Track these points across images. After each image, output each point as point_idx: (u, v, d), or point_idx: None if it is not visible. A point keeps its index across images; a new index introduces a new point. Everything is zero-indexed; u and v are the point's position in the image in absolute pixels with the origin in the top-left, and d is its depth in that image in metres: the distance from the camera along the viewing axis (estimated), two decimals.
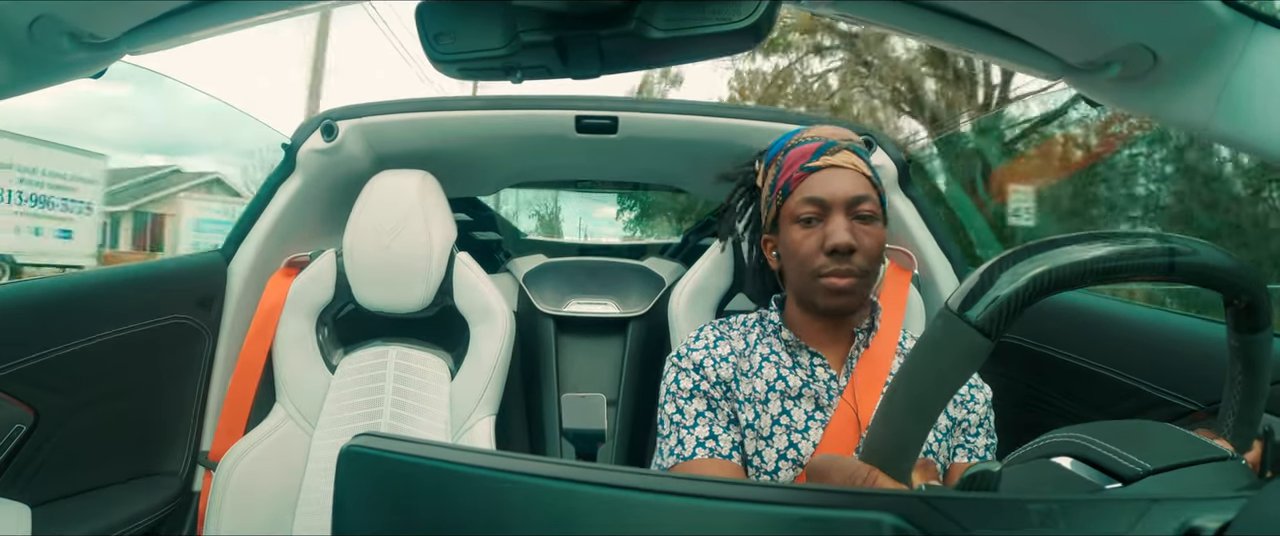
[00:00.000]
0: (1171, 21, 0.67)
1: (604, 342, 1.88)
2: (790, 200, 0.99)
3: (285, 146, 1.50)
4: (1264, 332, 0.49)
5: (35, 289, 1.21)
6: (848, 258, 0.94)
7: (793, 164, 1.00)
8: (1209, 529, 0.31)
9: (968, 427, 0.99)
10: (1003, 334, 0.41)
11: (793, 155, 1.01)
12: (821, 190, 0.96)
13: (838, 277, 0.94)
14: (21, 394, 1.12)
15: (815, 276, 0.95)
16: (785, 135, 1.07)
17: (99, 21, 0.75)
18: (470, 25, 0.58)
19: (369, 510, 0.36)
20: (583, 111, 1.49)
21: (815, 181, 0.97)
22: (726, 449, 0.95)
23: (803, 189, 0.97)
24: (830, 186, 0.96)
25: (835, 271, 0.94)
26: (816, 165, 0.97)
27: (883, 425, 0.44)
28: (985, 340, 0.41)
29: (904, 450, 0.44)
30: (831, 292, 0.94)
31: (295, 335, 1.40)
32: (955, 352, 0.42)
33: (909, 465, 0.44)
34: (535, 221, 6.58)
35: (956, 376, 0.42)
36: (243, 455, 1.31)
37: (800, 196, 0.97)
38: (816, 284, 0.95)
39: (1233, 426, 0.52)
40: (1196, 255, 0.44)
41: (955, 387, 0.42)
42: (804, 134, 1.04)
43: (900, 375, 0.44)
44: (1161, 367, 1.05)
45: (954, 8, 0.74)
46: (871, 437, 0.45)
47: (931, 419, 0.43)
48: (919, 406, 0.43)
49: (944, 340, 0.42)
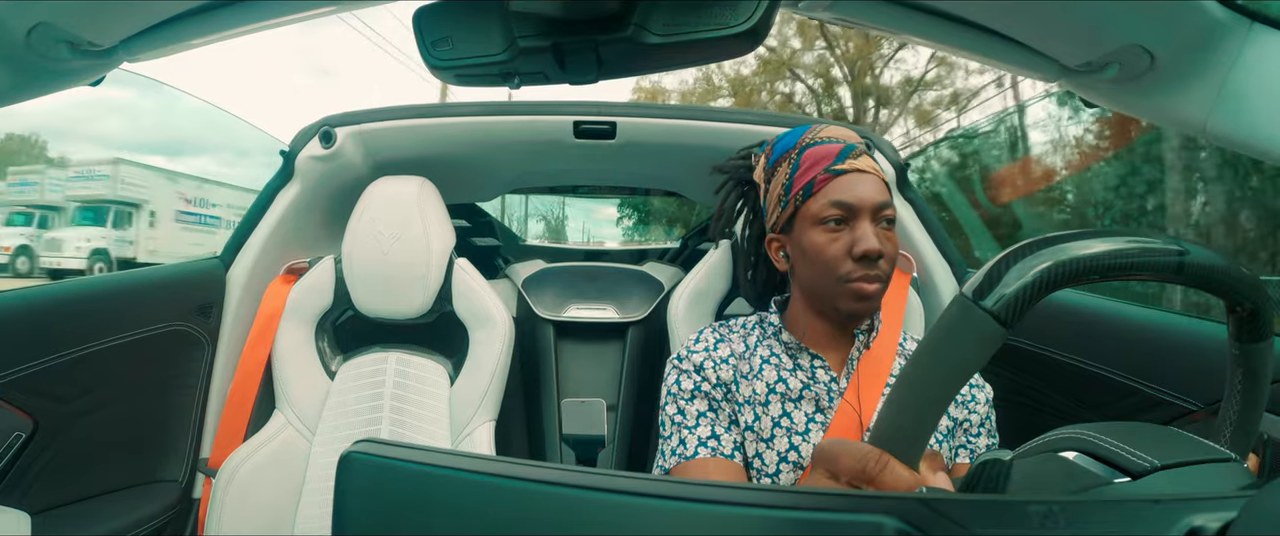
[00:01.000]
0: (1168, 22, 0.67)
1: (603, 348, 1.88)
2: (813, 201, 0.96)
3: (283, 153, 1.50)
4: (1265, 342, 0.49)
5: (34, 297, 1.21)
6: (875, 263, 0.93)
7: (815, 164, 0.97)
8: (1211, 528, 0.31)
9: (969, 428, 0.99)
10: (1016, 322, 0.41)
11: (813, 155, 0.98)
12: (849, 194, 0.94)
13: (866, 283, 0.93)
14: (21, 402, 1.12)
15: (843, 281, 0.93)
16: (790, 133, 1.05)
17: (97, 29, 0.75)
18: (468, 31, 0.58)
19: (369, 516, 0.36)
20: (581, 117, 1.49)
21: (842, 185, 0.95)
22: (728, 449, 0.95)
23: (828, 191, 0.95)
24: (858, 191, 0.94)
25: (864, 276, 0.93)
26: (843, 168, 0.95)
27: (894, 410, 0.44)
28: (1000, 327, 0.41)
29: (915, 435, 0.43)
30: (858, 297, 0.93)
31: (294, 342, 1.40)
32: (970, 339, 0.42)
33: (919, 451, 0.44)
34: (542, 225, 6.66)
35: (970, 363, 0.42)
36: (242, 462, 1.30)
37: (826, 199, 0.95)
38: (843, 288, 0.94)
39: (1231, 433, 0.52)
40: (1205, 259, 0.44)
41: (968, 375, 0.42)
42: (816, 133, 1.02)
43: (914, 359, 0.44)
44: (1161, 368, 1.05)
45: (950, 10, 0.75)
46: (881, 421, 0.45)
47: (943, 405, 0.43)
48: (931, 392, 0.43)
49: (959, 326, 0.42)
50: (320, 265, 1.44)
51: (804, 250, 0.97)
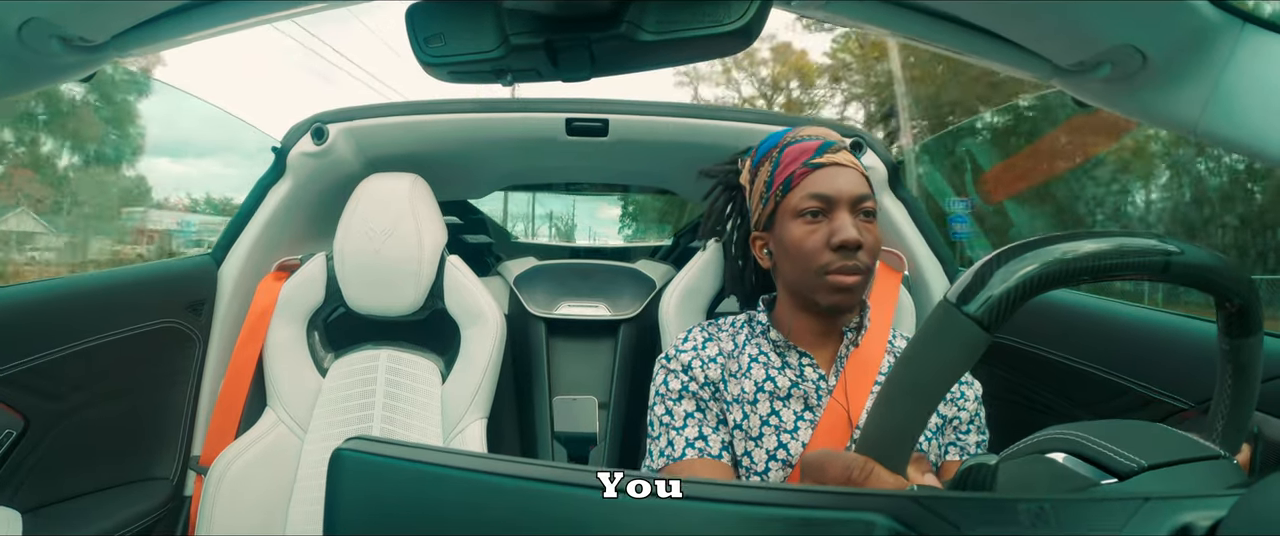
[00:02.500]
0: (1161, 22, 0.67)
1: (595, 345, 1.88)
2: (792, 195, 0.97)
3: (275, 150, 1.49)
4: (1254, 336, 0.49)
5: (24, 293, 1.20)
6: (854, 254, 0.93)
7: (793, 160, 0.99)
8: (1201, 526, 0.31)
9: (959, 425, 1.00)
10: (1000, 327, 0.41)
11: (792, 152, 1.00)
12: (827, 186, 0.95)
13: (845, 274, 0.93)
14: (11, 399, 1.12)
15: (821, 272, 0.94)
16: (775, 134, 1.07)
17: (88, 25, 0.74)
18: (461, 28, 0.58)
19: (360, 513, 0.36)
20: (573, 114, 1.48)
21: (820, 178, 0.96)
22: (716, 449, 0.95)
23: (806, 184, 0.96)
24: (836, 183, 0.95)
25: (842, 267, 0.93)
26: (821, 162, 0.97)
27: (880, 415, 0.44)
28: (984, 333, 0.41)
29: (900, 440, 0.43)
30: (836, 289, 0.94)
31: (286, 339, 1.40)
32: (954, 345, 0.42)
33: (905, 456, 0.44)
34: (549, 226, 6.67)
35: (954, 368, 0.42)
36: (234, 459, 1.30)
37: (804, 192, 0.96)
38: (821, 281, 0.94)
39: (1222, 429, 0.52)
40: (1191, 257, 0.44)
41: (953, 379, 0.42)
42: (797, 133, 1.03)
43: (898, 366, 0.44)
44: (1151, 366, 1.06)
45: (943, 9, 0.75)
46: (868, 428, 0.45)
47: (929, 410, 0.43)
48: (916, 397, 0.43)
49: (943, 331, 0.42)
50: (312, 262, 1.44)
51: (784, 244, 0.98)
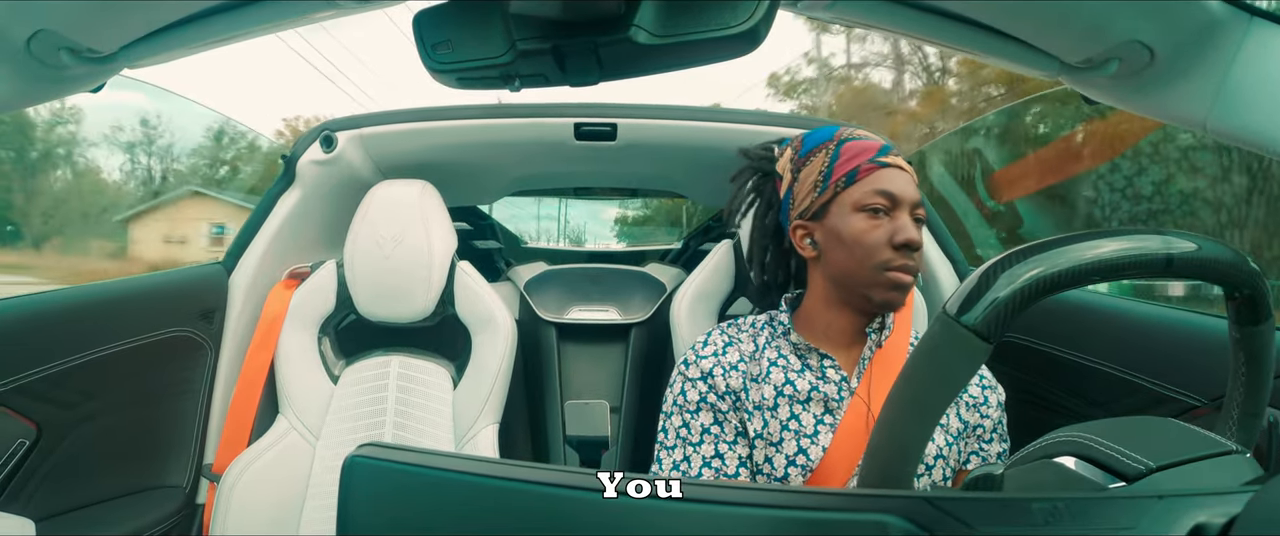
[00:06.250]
0: (1169, 18, 0.67)
1: (606, 349, 1.88)
2: (855, 188, 0.97)
3: (284, 158, 1.50)
4: (1265, 324, 0.49)
5: (37, 303, 1.21)
6: (912, 254, 0.95)
7: (857, 154, 0.98)
8: (1215, 525, 0.30)
9: (981, 433, 0.99)
10: (1001, 336, 0.41)
11: (853, 147, 0.99)
12: (894, 185, 0.96)
13: (904, 272, 0.94)
14: (24, 408, 1.12)
15: (881, 268, 0.94)
16: (822, 129, 1.06)
17: (97, 36, 0.75)
18: (468, 34, 0.58)
19: (373, 520, 0.36)
20: (581, 119, 1.49)
21: (887, 176, 0.97)
22: (732, 468, 0.95)
23: (872, 180, 0.96)
24: (899, 184, 0.96)
25: (903, 266, 0.94)
26: (887, 161, 0.97)
27: (884, 430, 0.44)
28: (983, 344, 0.41)
29: (905, 454, 0.43)
30: (894, 287, 0.94)
31: (297, 346, 1.40)
32: (953, 357, 0.42)
33: (912, 469, 0.44)
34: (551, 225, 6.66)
35: (956, 380, 0.42)
36: (246, 467, 1.30)
37: (870, 187, 0.96)
38: (881, 276, 0.94)
39: (1237, 420, 0.52)
40: (1194, 250, 0.43)
41: (955, 391, 0.42)
42: (852, 131, 1.03)
43: (900, 380, 0.44)
44: (1164, 363, 1.05)
45: (950, 8, 0.74)
46: (874, 443, 0.45)
47: (932, 423, 0.43)
48: (919, 411, 0.43)
49: (942, 345, 0.42)
50: (322, 269, 1.44)
51: (841, 236, 0.97)
